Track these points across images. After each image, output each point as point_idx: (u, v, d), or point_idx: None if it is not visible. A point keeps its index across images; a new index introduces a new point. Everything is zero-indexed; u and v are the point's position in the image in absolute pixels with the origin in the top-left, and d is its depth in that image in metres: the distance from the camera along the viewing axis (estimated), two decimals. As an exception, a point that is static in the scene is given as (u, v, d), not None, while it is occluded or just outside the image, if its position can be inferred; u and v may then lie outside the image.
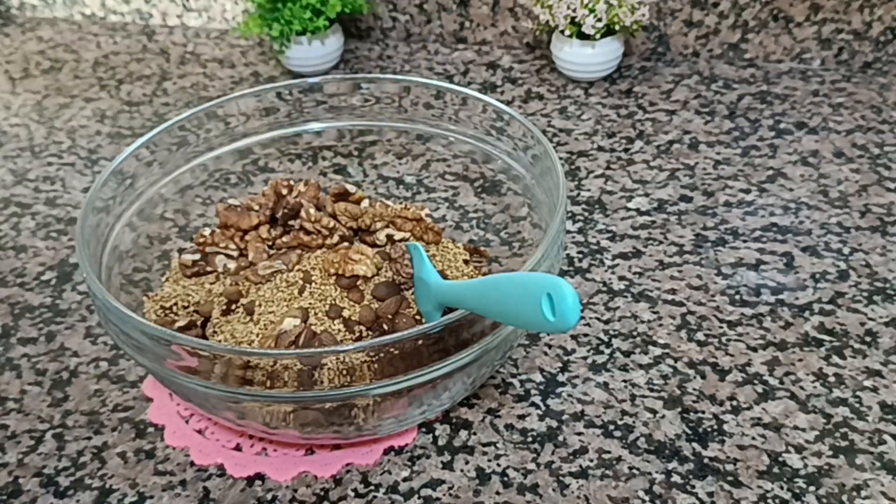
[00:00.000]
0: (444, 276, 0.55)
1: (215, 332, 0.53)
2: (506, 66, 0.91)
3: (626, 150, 0.76)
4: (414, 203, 0.65)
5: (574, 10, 0.82)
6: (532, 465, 0.50)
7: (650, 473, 0.49)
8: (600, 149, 0.77)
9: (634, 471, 0.49)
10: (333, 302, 0.54)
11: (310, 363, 0.43)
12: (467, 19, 0.94)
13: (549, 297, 0.37)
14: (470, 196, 0.68)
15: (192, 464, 0.51)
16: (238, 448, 0.52)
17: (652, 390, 0.54)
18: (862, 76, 0.84)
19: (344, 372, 0.44)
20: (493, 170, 0.64)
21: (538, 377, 0.55)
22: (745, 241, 0.65)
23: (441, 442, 0.51)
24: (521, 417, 0.53)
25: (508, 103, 0.85)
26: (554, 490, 0.48)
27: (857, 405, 0.52)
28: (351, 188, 0.63)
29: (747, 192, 0.70)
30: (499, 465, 0.50)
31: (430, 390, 0.48)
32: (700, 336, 0.57)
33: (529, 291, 0.38)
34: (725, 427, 0.51)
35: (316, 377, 0.44)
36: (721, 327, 0.58)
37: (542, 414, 0.53)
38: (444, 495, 0.48)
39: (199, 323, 0.55)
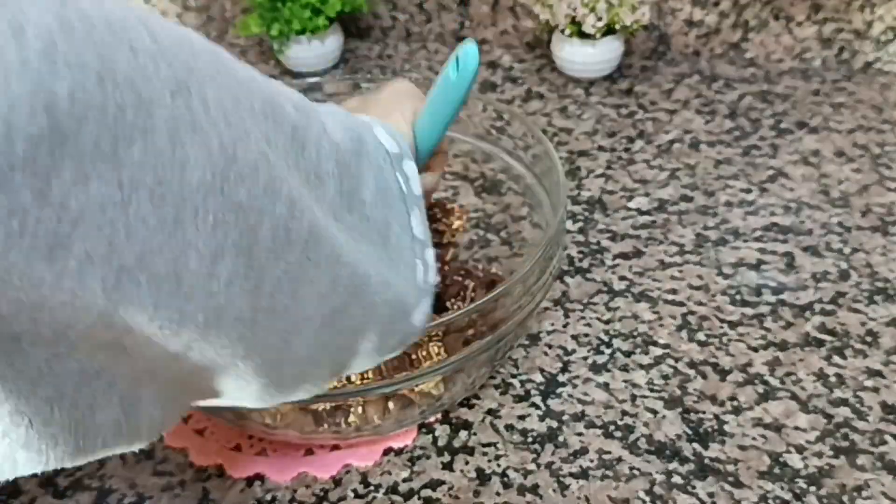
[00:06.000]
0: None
1: None
2: (506, 66, 0.91)
3: (626, 150, 0.76)
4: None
5: (574, 10, 0.81)
6: (532, 466, 0.49)
7: (651, 474, 0.48)
8: (601, 148, 0.77)
9: (635, 471, 0.49)
10: None
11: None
12: (467, 18, 0.94)
13: (456, 61, 0.40)
14: (470, 196, 0.68)
15: (191, 464, 0.51)
16: (238, 448, 0.52)
17: (652, 390, 0.54)
18: (863, 76, 0.84)
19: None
20: (493, 169, 0.63)
21: (538, 377, 0.55)
22: (745, 241, 0.65)
23: (441, 442, 0.51)
24: (522, 418, 0.52)
25: (509, 103, 0.85)
26: (554, 491, 0.48)
27: (857, 405, 0.52)
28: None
29: (748, 191, 0.70)
30: (499, 465, 0.50)
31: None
32: (701, 336, 0.57)
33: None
34: (726, 427, 0.51)
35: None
36: (722, 327, 0.58)
37: (543, 414, 0.52)
38: (444, 496, 0.48)
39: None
